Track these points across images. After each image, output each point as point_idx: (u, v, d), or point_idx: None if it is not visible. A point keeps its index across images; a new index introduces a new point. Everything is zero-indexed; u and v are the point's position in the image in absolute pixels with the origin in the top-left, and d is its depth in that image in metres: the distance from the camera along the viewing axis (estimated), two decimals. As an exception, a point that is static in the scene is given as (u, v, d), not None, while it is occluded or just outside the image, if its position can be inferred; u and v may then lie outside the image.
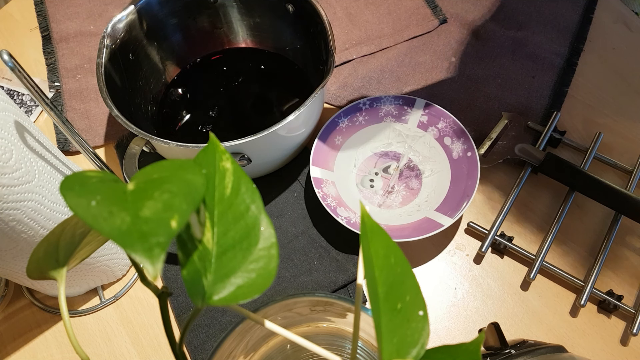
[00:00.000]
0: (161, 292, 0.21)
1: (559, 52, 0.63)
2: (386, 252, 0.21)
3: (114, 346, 0.48)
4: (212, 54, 0.63)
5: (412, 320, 0.20)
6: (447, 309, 0.50)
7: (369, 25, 0.66)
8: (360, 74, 0.62)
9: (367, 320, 0.28)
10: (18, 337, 0.49)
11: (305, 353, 0.34)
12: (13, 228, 0.35)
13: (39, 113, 0.62)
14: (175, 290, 0.50)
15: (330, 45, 0.49)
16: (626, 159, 0.57)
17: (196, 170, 0.20)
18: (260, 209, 0.21)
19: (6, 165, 0.32)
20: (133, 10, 0.53)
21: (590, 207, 0.54)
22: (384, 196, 0.55)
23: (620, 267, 0.51)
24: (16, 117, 0.35)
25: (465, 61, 0.63)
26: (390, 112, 0.57)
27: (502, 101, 0.60)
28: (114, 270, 0.49)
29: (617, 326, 0.49)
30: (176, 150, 0.47)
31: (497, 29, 0.65)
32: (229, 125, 0.58)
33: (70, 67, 0.64)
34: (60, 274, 0.23)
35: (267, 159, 0.52)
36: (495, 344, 0.40)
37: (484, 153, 0.55)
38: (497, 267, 0.52)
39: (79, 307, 0.50)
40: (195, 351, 0.47)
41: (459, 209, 0.49)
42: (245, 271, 0.20)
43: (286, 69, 0.62)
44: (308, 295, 0.29)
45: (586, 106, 0.61)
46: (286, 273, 0.50)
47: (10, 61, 0.31)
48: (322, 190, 0.51)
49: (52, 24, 0.68)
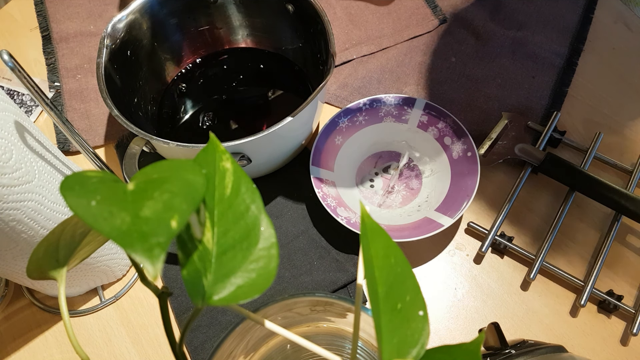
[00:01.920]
0: (161, 292, 0.21)
1: (559, 52, 0.63)
2: (386, 252, 0.21)
3: (114, 346, 0.48)
4: (212, 54, 0.63)
5: (412, 320, 0.20)
6: (447, 309, 0.50)
7: (369, 25, 0.66)
8: (360, 74, 0.63)
9: (367, 320, 0.28)
10: (18, 337, 0.49)
11: (305, 353, 0.34)
12: (13, 228, 0.35)
13: (39, 113, 0.62)
14: (175, 290, 0.50)
15: (330, 45, 0.49)
16: (626, 159, 0.57)
17: (196, 170, 0.20)
18: (260, 209, 0.21)
19: (6, 165, 0.32)
20: (133, 10, 0.53)
21: (590, 207, 0.54)
22: (384, 196, 0.55)
23: (620, 267, 0.51)
24: (16, 117, 0.35)
25: (465, 61, 0.63)
26: (390, 112, 0.57)
27: (502, 101, 0.60)
28: (114, 270, 0.49)
29: (617, 326, 0.49)
30: (176, 150, 0.47)
31: (497, 29, 0.65)
32: (229, 125, 0.58)
33: (70, 67, 0.64)
34: (60, 274, 0.23)
35: (267, 159, 0.52)
36: (495, 344, 0.40)
37: (484, 153, 0.55)
38: (497, 267, 0.52)
39: (79, 307, 0.50)
40: (195, 351, 0.47)
41: (459, 209, 0.49)
42: (245, 271, 0.20)
43: (286, 69, 0.61)
44: (308, 295, 0.29)
45: (586, 106, 0.61)
46: (286, 273, 0.50)
47: (10, 61, 0.31)
48: (322, 190, 0.51)
49: (52, 24, 0.68)
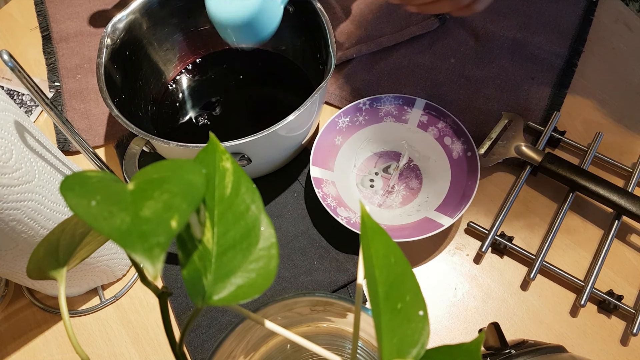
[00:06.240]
0: (161, 292, 0.21)
1: (559, 53, 0.63)
2: (386, 252, 0.21)
3: (114, 346, 0.48)
4: (212, 54, 0.63)
5: (412, 320, 0.20)
6: (447, 309, 0.50)
7: (369, 25, 0.66)
8: (360, 73, 0.62)
9: (367, 320, 0.28)
10: (18, 337, 0.49)
11: (305, 353, 0.34)
12: (13, 228, 0.35)
13: (39, 113, 0.62)
14: (175, 290, 0.50)
15: (330, 45, 0.49)
16: (626, 159, 0.57)
17: (196, 170, 0.20)
18: (260, 209, 0.21)
19: (6, 165, 0.32)
20: (133, 10, 0.53)
21: (590, 207, 0.54)
22: (384, 196, 0.55)
23: (620, 267, 0.51)
24: (16, 117, 0.35)
25: (464, 62, 0.63)
26: (390, 112, 0.57)
27: (502, 102, 0.60)
28: (114, 270, 0.49)
29: (617, 326, 0.49)
30: (176, 150, 0.47)
31: (497, 30, 0.65)
32: (229, 125, 0.58)
33: (70, 67, 0.64)
34: (60, 274, 0.23)
35: (267, 159, 0.52)
36: (495, 344, 0.40)
37: (484, 153, 0.55)
38: (497, 267, 0.52)
39: (79, 307, 0.50)
40: (195, 351, 0.47)
41: (459, 209, 0.49)
42: (245, 271, 0.20)
43: (286, 68, 0.61)
44: (308, 295, 0.29)
45: (586, 106, 0.61)
46: (286, 273, 0.50)
47: (10, 61, 0.31)
48: (322, 190, 0.51)
49: (52, 23, 0.68)
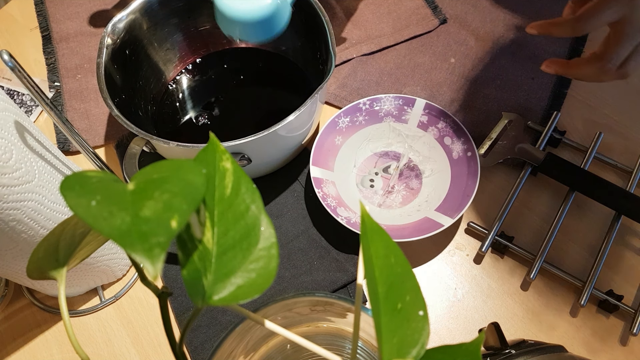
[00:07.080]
0: (161, 292, 0.21)
1: (558, 53, 0.63)
2: (386, 252, 0.21)
3: (114, 346, 0.48)
4: (212, 54, 0.63)
5: (412, 320, 0.20)
6: (447, 309, 0.50)
7: (369, 25, 0.66)
8: (360, 73, 0.62)
9: (367, 320, 0.28)
10: (18, 337, 0.49)
11: (305, 353, 0.34)
12: (13, 228, 0.35)
13: (39, 113, 0.62)
14: (175, 290, 0.50)
15: (330, 45, 0.49)
16: (626, 159, 0.57)
17: (196, 170, 0.20)
18: (260, 209, 0.21)
19: (6, 165, 0.32)
20: (133, 10, 0.53)
21: (590, 207, 0.54)
22: (384, 196, 0.55)
23: (620, 267, 0.51)
24: (16, 117, 0.35)
25: (464, 62, 0.63)
26: (390, 112, 0.57)
27: (502, 102, 0.60)
28: (114, 270, 0.49)
29: (616, 326, 0.49)
30: (176, 150, 0.47)
31: (497, 30, 0.65)
32: (229, 125, 0.58)
33: (70, 67, 0.64)
34: (60, 274, 0.23)
35: (267, 159, 0.52)
36: (495, 344, 0.40)
37: (484, 153, 0.55)
38: (497, 267, 0.52)
39: (79, 307, 0.50)
40: (195, 351, 0.47)
41: (459, 209, 0.49)
42: (245, 271, 0.20)
43: (286, 69, 0.61)
44: (308, 295, 0.29)
45: (586, 106, 0.61)
46: (286, 273, 0.50)
47: (10, 61, 0.31)
48: (322, 190, 0.51)
49: (52, 23, 0.68)
